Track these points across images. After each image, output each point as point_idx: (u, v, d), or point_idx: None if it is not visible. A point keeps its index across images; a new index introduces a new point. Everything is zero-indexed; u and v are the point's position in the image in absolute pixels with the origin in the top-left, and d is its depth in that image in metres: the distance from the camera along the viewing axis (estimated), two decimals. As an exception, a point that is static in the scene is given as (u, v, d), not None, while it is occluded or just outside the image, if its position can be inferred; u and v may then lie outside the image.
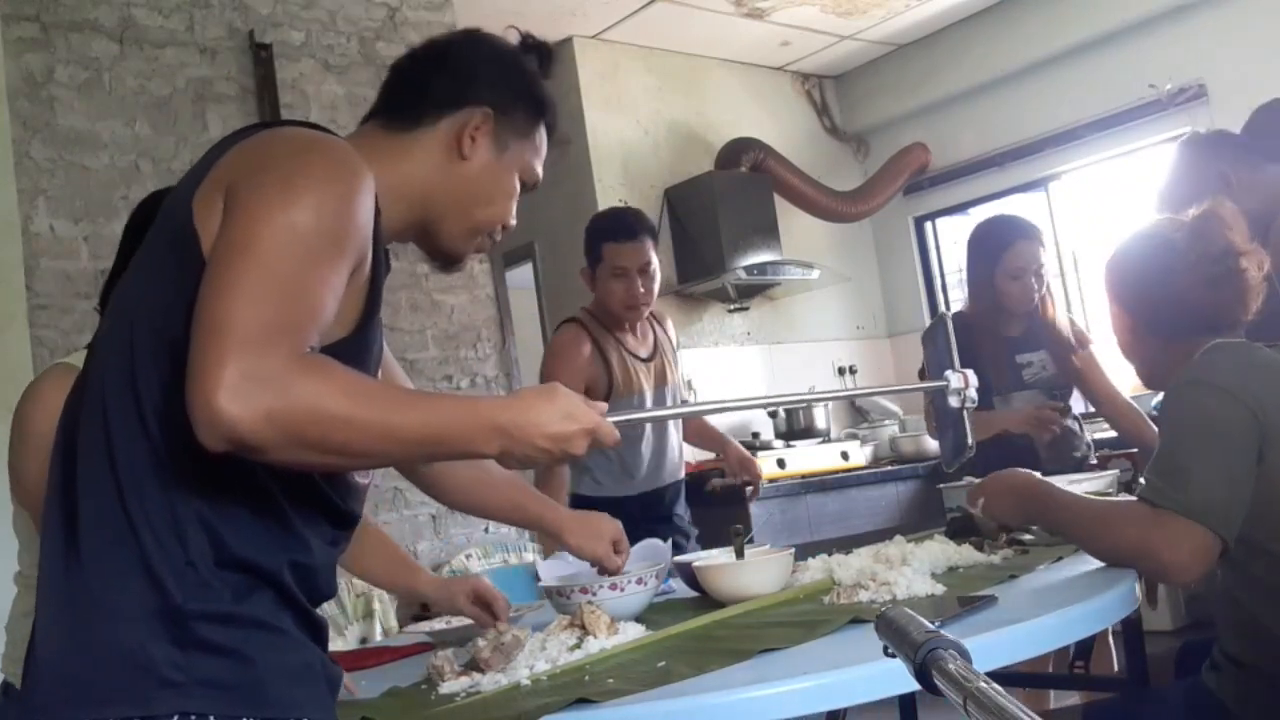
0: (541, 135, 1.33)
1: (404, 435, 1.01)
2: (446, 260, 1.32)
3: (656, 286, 2.76)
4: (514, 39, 1.37)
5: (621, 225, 2.77)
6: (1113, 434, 3.18)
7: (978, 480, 1.89)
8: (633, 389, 2.73)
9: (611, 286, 2.72)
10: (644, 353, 2.81)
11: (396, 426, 1.00)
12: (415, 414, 1.02)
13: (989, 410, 2.78)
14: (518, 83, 1.30)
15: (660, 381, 2.81)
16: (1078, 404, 3.02)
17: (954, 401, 1.64)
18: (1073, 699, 2.73)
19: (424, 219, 1.26)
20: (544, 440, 1.10)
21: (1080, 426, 2.90)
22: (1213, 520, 1.47)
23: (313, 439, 0.95)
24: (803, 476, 4.47)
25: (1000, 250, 2.84)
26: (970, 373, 1.65)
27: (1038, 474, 1.77)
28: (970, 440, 1.66)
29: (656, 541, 1.90)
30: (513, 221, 1.32)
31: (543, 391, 1.14)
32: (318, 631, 1.11)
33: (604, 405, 1.19)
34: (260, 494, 1.04)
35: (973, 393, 1.64)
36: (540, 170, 1.34)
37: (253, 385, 0.91)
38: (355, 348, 1.09)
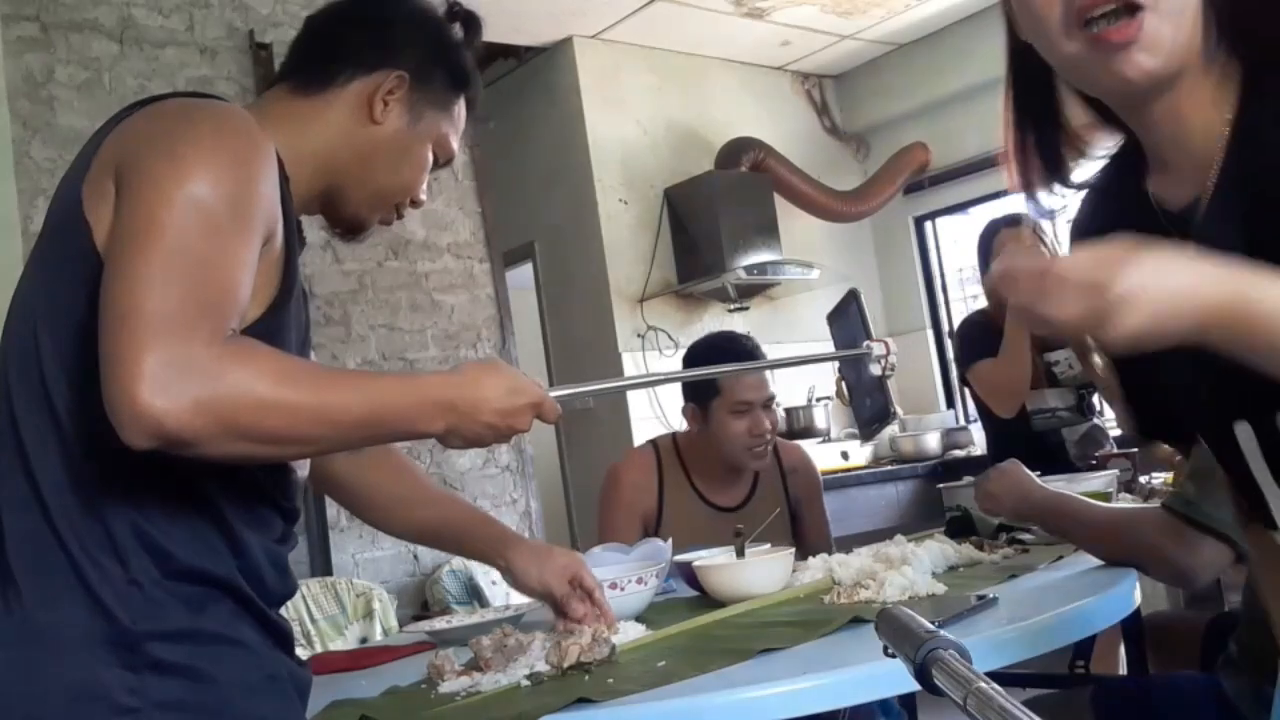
0: (460, 109, 1.26)
1: (342, 417, 0.95)
2: (348, 229, 1.24)
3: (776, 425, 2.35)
4: (440, 6, 1.29)
5: (744, 351, 2.35)
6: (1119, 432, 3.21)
7: (980, 481, 1.89)
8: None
9: (732, 426, 2.29)
10: (728, 501, 2.39)
11: (333, 408, 0.94)
12: (353, 394, 0.97)
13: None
14: (438, 49, 1.23)
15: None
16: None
17: (875, 369, 1.66)
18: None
19: (329, 185, 1.18)
20: (492, 415, 1.05)
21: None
22: (1236, 532, 1.47)
23: (245, 427, 0.89)
24: (803, 476, 4.47)
25: (989, 240, 2.98)
26: (890, 340, 1.68)
27: (1032, 472, 1.77)
28: (892, 408, 1.69)
29: (656, 541, 1.90)
30: (422, 196, 1.25)
31: (486, 366, 1.10)
32: (281, 637, 1.06)
33: (543, 380, 1.15)
34: (195, 496, 0.99)
35: (894, 359, 1.66)
36: (455, 146, 1.27)
37: (176, 374, 0.85)
38: (272, 327, 1.02)
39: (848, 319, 1.74)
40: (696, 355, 2.43)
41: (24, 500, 0.96)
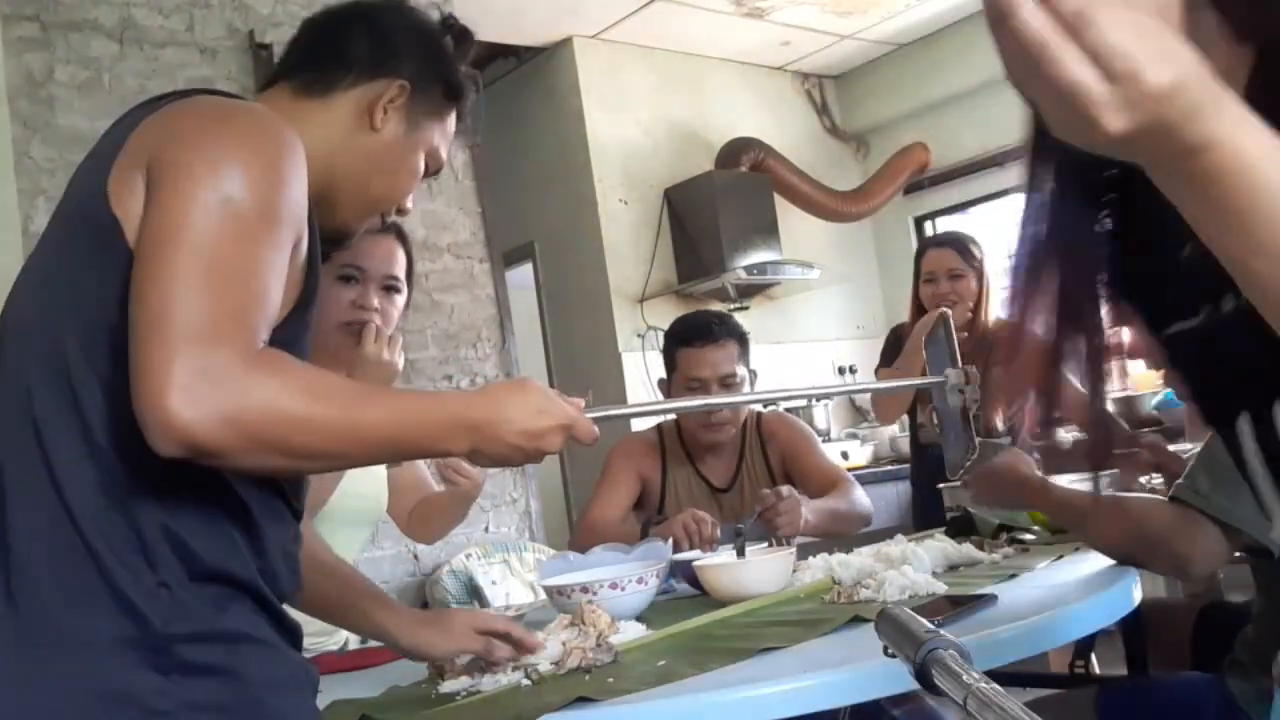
0: (452, 121, 1.28)
1: (369, 435, 0.95)
2: (335, 237, 1.22)
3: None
4: (435, 17, 1.31)
5: (698, 327, 2.42)
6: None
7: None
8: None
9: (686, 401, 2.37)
10: (719, 482, 2.47)
11: (361, 426, 0.95)
12: (381, 412, 0.97)
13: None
14: (437, 61, 1.24)
15: (732, 518, 2.31)
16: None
17: (954, 400, 1.54)
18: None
19: (323, 190, 1.16)
20: (516, 437, 1.04)
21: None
22: (1251, 525, 1.46)
23: (273, 441, 0.89)
24: (803, 476, 4.47)
25: (919, 259, 3.01)
26: (973, 369, 1.54)
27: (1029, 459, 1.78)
28: (976, 440, 1.58)
29: (656, 541, 1.90)
30: (409, 205, 1.25)
31: (514, 386, 1.09)
32: (291, 635, 1.06)
33: (580, 401, 1.13)
34: (225, 498, 0.98)
35: (975, 392, 1.53)
36: (444, 156, 1.28)
37: (206, 385, 0.85)
38: (296, 331, 1.02)
39: (937, 343, 1.65)
40: (665, 336, 2.54)
41: (46, 501, 0.94)
